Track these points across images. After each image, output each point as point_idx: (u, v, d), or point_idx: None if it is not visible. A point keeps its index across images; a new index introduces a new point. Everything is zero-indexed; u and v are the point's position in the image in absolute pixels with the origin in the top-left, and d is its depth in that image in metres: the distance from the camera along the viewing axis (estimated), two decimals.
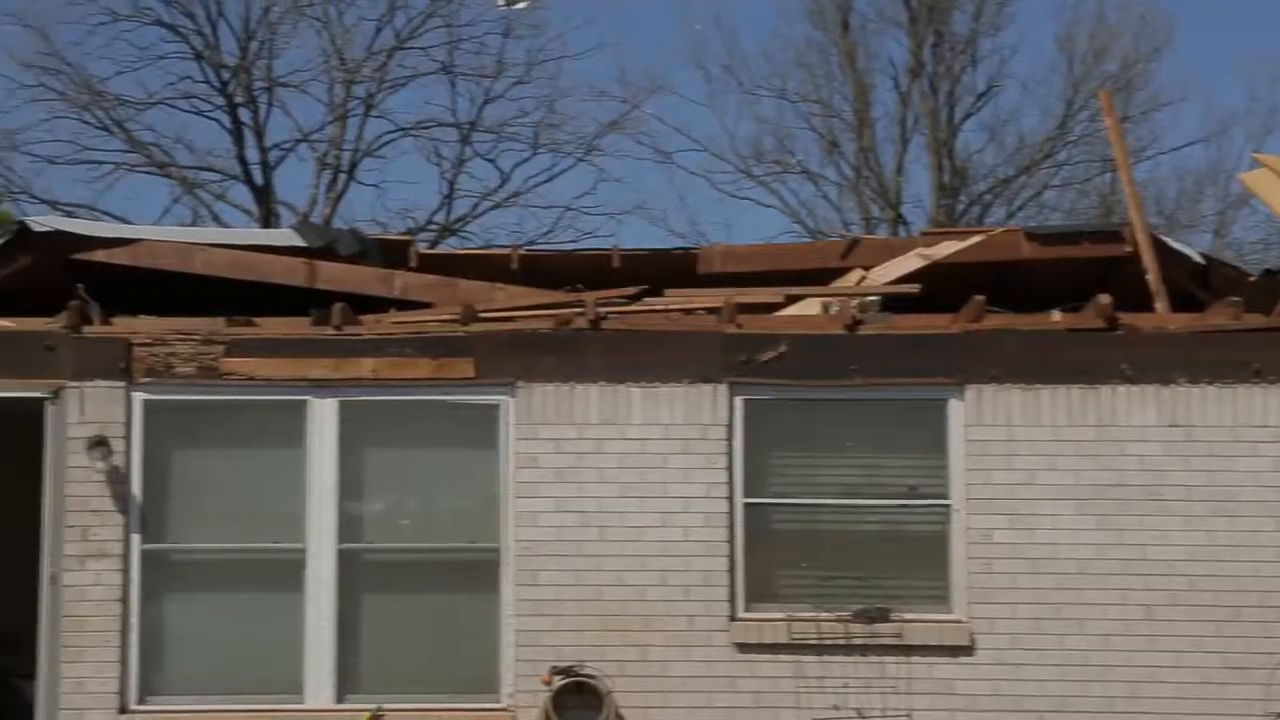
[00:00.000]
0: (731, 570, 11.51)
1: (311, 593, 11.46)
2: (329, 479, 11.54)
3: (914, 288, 12.37)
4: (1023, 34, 42.36)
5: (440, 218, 31.74)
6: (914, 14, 30.96)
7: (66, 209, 29.35)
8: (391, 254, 12.92)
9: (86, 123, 30.88)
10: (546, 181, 31.82)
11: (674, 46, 46.01)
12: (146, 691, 11.35)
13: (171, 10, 31.02)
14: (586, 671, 11.30)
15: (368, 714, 11.31)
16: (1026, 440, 11.58)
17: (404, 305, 12.27)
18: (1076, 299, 12.12)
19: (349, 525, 11.58)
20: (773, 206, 31.59)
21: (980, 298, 11.75)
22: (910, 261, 12.76)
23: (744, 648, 11.45)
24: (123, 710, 11.25)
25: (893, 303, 12.23)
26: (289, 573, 11.48)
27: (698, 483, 11.53)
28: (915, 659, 11.46)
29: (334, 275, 12.36)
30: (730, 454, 11.59)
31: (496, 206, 31.85)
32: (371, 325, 11.82)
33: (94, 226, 13.16)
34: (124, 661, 11.31)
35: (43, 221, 12.68)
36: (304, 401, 11.59)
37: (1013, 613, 11.47)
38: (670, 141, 35.88)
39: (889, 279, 12.61)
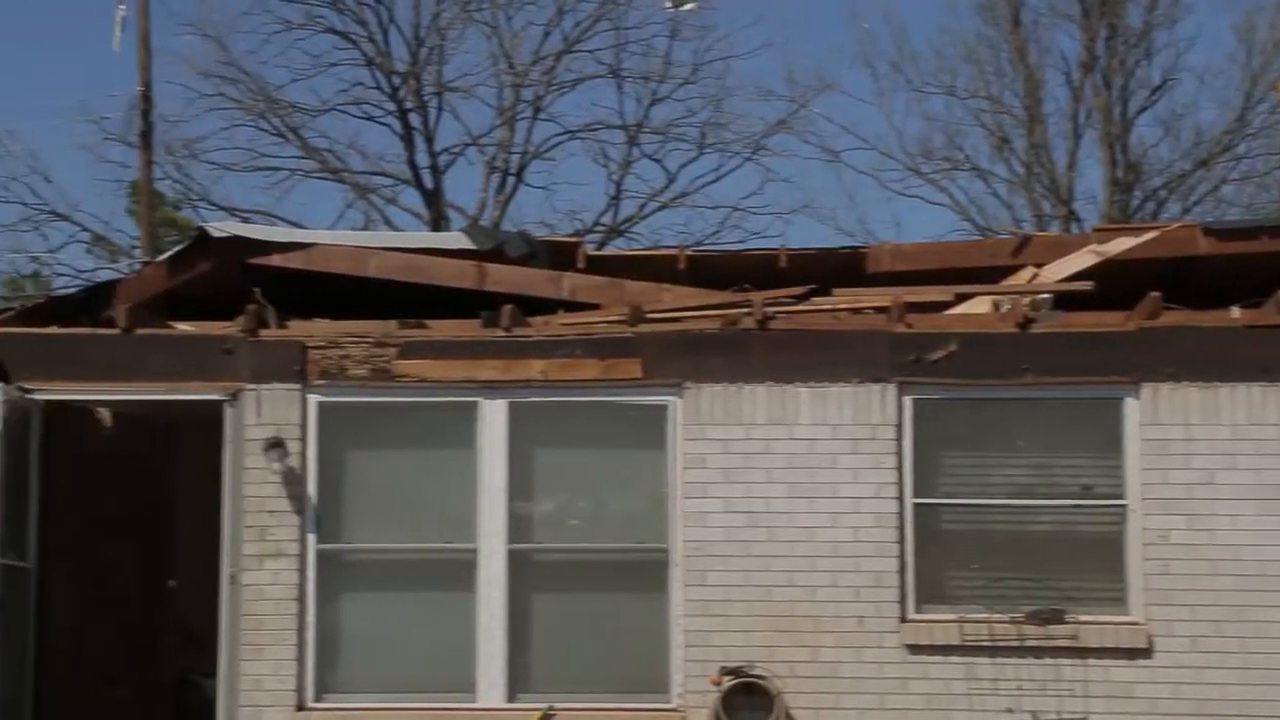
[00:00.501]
0: (902, 571, 11.41)
1: (483, 593, 11.56)
2: (499, 480, 11.63)
3: (1087, 285, 12.17)
4: (1200, 25, 41.53)
5: (607, 219, 31.88)
6: (1087, 7, 30.45)
7: (244, 215, 29.94)
8: (559, 256, 12.99)
9: (262, 130, 31.50)
10: (713, 182, 31.83)
11: (842, 44, 45.81)
12: (322, 689, 11.52)
13: (344, 18, 31.53)
14: (756, 672, 11.26)
15: (539, 713, 11.38)
16: (1205, 439, 11.34)
17: (572, 307, 12.33)
18: (1255, 295, 11.84)
19: (519, 525, 11.66)
20: (942, 204, 31.27)
21: (1156, 294, 11.53)
22: (1083, 258, 12.55)
23: (915, 649, 11.35)
24: (300, 708, 11.43)
25: (1065, 300, 12.04)
26: (460, 573, 11.59)
27: (867, 483, 11.44)
28: (1091, 661, 11.28)
29: (503, 277, 12.46)
30: (900, 454, 11.49)
31: (663, 207, 31.91)
32: (540, 327, 11.90)
33: (270, 232, 13.39)
34: (301, 660, 11.48)
35: (221, 227, 12.92)
36: (474, 403, 11.69)
37: (1192, 615, 11.23)
38: (838, 140, 35.58)
39: (1061, 276, 12.42)
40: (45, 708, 11.78)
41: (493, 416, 11.67)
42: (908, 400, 11.55)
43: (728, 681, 11.21)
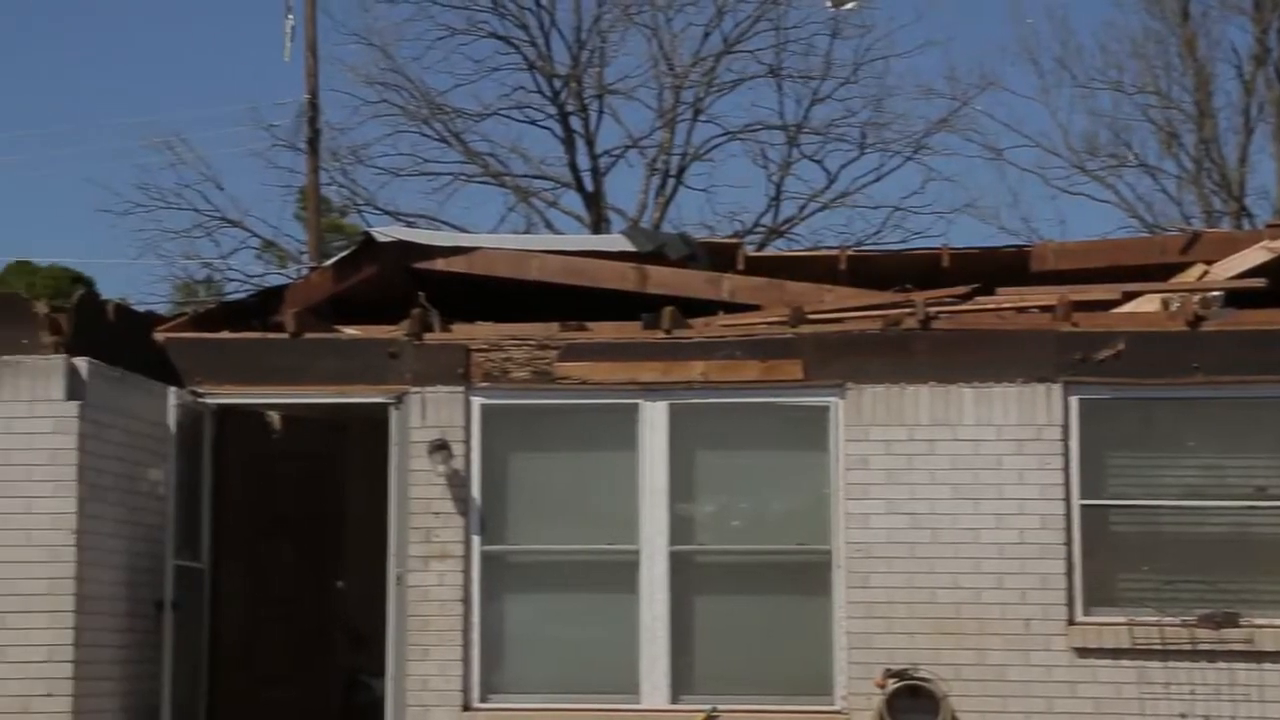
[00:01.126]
0: (1069, 573, 11.25)
1: (645, 594, 11.59)
2: (660, 481, 11.65)
3: (1259, 282, 11.91)
4: None
5: (767, 220, 31.80)
6: None
7: (407, 220, 30.30)
8: (719, 257, 12.99)
9: (426, 135, 31.88)
10: (874, 181, 31.61)
11: (1005, 41, 45.33)
12: (488, 690, 11.61)
13: (505, 23, 31.80)
14: (921, 674, 11.17)
15: (703, 714, 11.38)
16: None
17: (732, 308, 12.32)
18: None
19: (680, 527, 11.67)
20: (1108, 202, 30.75)
21: None
22: (1255, 255, 12.28)
23: (1083, 652, 11.17)
24: (466, 708, 11.54)
25: (1236, 298, 11.79)
26: (623, 574, 11.62)
27: (1032, 484, 11.29)
28: (1268, 666, 11.03)
29: (663, 279, 12.48)
30: (1066, 454, 11.32)
31: (824, 208, 31.77)
32: (701, 328, 11.90)
33: (434, 236, 13.56)
34: (466, 660, 11.58)
35: (386, 232, 13.09)
36: (635, 405, 11.72)
37: None
38: (1001, 138, 35.17)
39: (1232, 273, 12.17)
40: (217, 705, 12.01)
41: (654, 418, 11.69)
42: (1074, 400, 11.38)
43: (892, 684, 11.13)
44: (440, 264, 12.51)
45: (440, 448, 11.56)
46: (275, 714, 12.63)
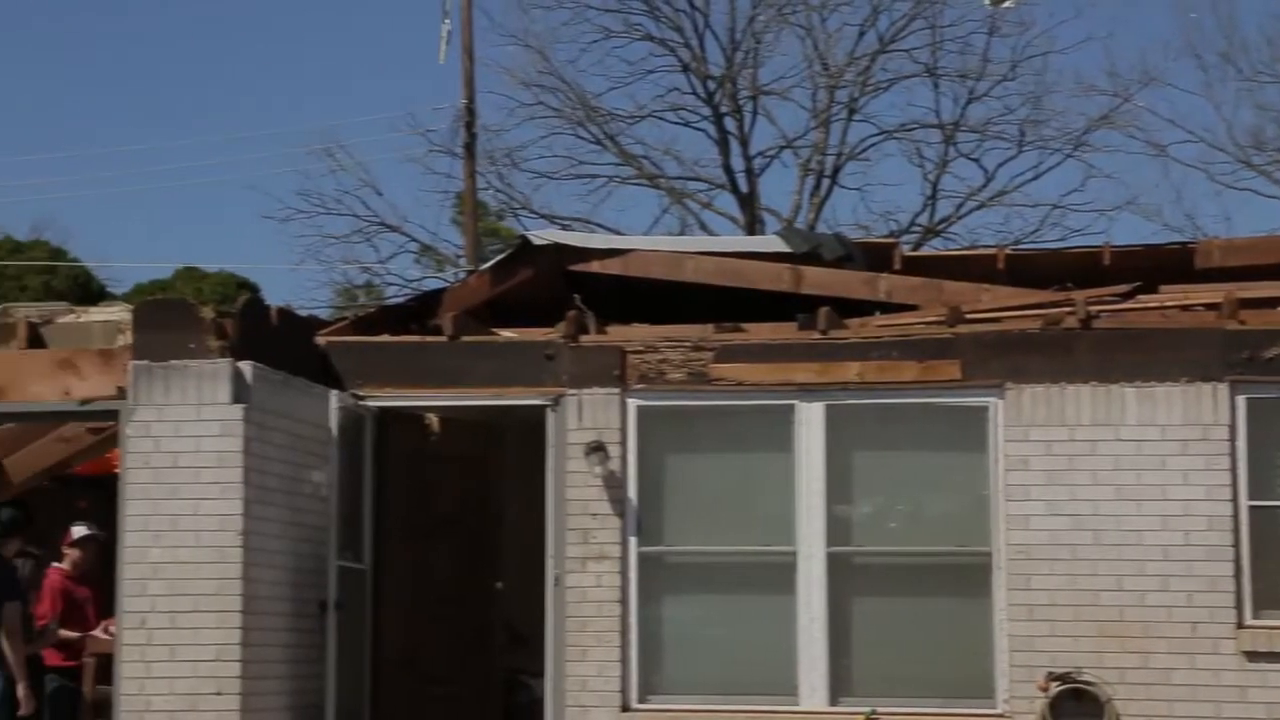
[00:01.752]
0: (1237, 575, 11.02)
1: (803, 595, 11.54)
2: (817, 482, 11.60)
3: None
4: None
5: (924, 219, 31.57)
6: None
7: (563, 222, 30.50)
8: (875, 257, 12.91)
9: (581, 138, 32.07)
10: (1033, 179, 31.25)
11: (1167, 36, 44.52)
12: (646, 690, 11.63)
13: (660, 25, 31.89)
14: (1085, 678, 11.00)
15: (862, 717, 11.31)
16: None
17: (888, 308, 12.24)
18: None
19: (837, 528, 11.62)
20: (1276, 197, 30.11)
21: None
22: None
23: (1253, 656, 10.94)
24: (625, 708, 11.57)
25: None
26: (780, 575, 11.59)
27: (1198, 485, 11.08)
28: None
29: (819, 280, 12.43)
30: (1233, 455, 11.09)
31: (981, 206, 31.47)
32: (857, 329, 11.83)
33: (589, 238, 13.62)
34: (624, 661, 11.61)
35: (541, 235, 13.17)
36: (791, 406, 11.68)
37: None
38: (1164, 134, 34.54)
39: None
40: (380, 704, 12.16)
41: (810, 419, 11.64)
42: (1241, 400, 11.15)
43: (1055, 687, 10.98)
44: (595, 266, 12.56)
45: (597, 449, 11.60)
46: (437, 713, 12.76)
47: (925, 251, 23.93)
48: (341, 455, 11.63)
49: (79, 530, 13.01)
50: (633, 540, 11.70)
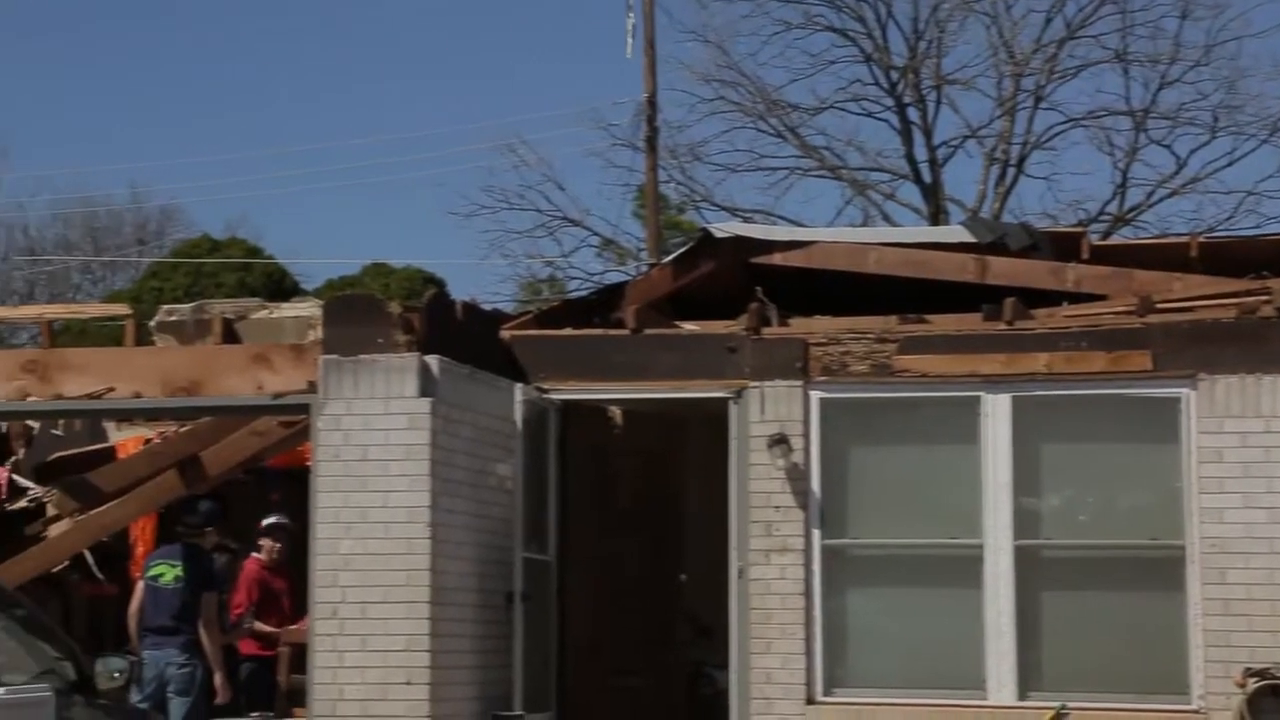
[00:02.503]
0: None
1: (989, 589, 11.41)
2: (1003, 475, 11.45)
3: None
4: None
5: (1113, 208, 31.05)
6: None
7: (744, 215, 30.51)
8: (1062, 247, 12.70)
9: (762, 131, 32.03)
10: (1227, 166, 30.59)
11: None
12: (831, 683, 11.58)
13: (842, 16, 31.74)
14: None
15: (1052, 712, 11.15)
16: None
17: (1076, 298, 12.04)
18: None
19: (1024, 521, 11.46)
20: None
21: None
22: None
23: None
24: (810, 701, 11.53)
25: None
26: (966, 569, 11.46)
27: None
28: None
29: (1004, 270, 12.26)
30: None
31: (1172, 194, 30.86)
32: (1044, 319, 11.66)
33: (770, 231, 13.56)
34: (809, 654, 11.56)
35: (723, 228, 13.15)
36: (976, 397, 11.55)
37: None
38: None
39: None
40: (566, 694, 12.26)
41: (996, 411, 11.50)
42: None
43: (1254, 684, 10.72)
44: (777, 258, 12.52)
45: (779, 442, 11.57)
46: (623, 704, 12.83)
47: (1115, 240, 23.53)
48: (526, 448, 11.73)
49: (269, 520, 13.31)
50: (816, 533, 11.65)
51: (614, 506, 13.20)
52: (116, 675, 9.25)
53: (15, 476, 14.38)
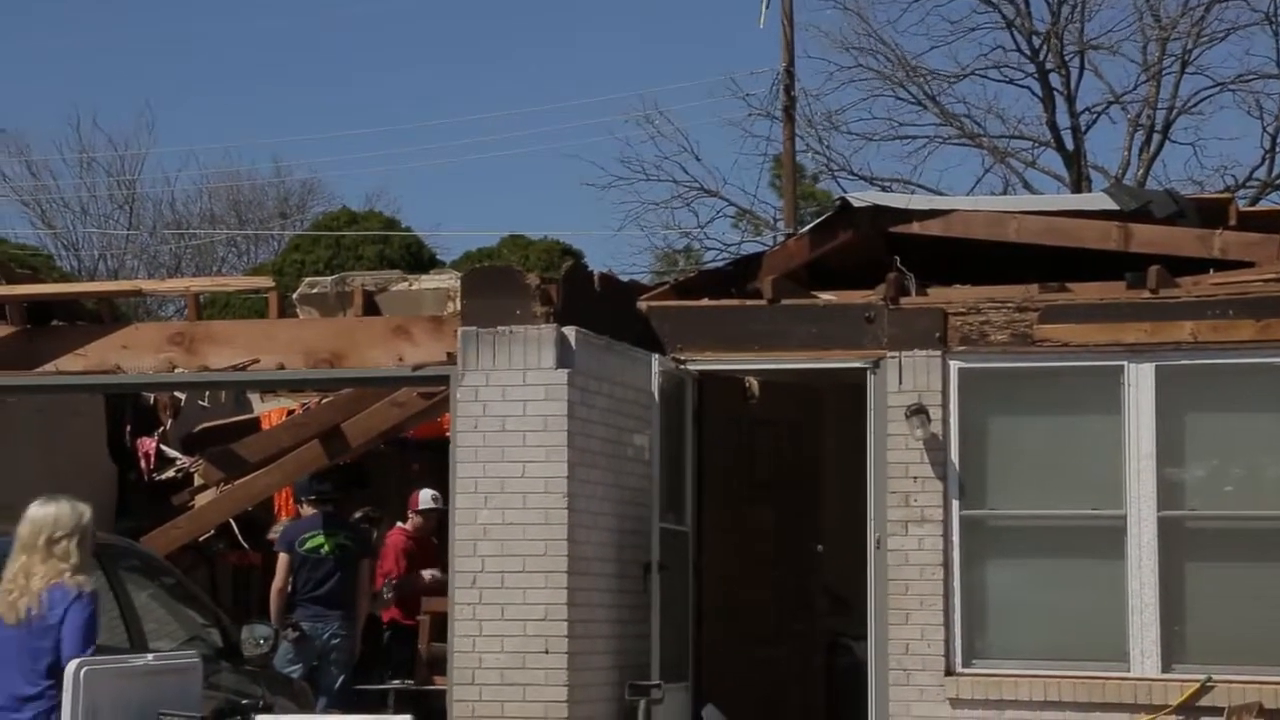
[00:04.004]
0: None
1: (1132, 560, 11.25)
2: (1146, 445, 11.28)
3: None
4: None
5: (1261, 173, 30.45)
6: None
7: (882, 184, 30.30)
8: (1208, 213, 12.47)
9: (901, 99, 31.78)
10: None
11: None
12: (970, 654, 11.50)
13: None
14: None
15: (1197, 685, 10.98)
16: None
17: (1222, 266, 11.82)
18: None
19: (1169, 492, 11.29)
20: None
21: None
22: None
23: None
24: (948, 672, 11.46)
25: None
26: (1108, 540, 11.32)
27: None
28: None
29: (1149, 238, 12.06)
30: None
31: None
32: (1189, 287, 11.46)
33: (909, 200, 13.44)
34: (948, 625, 11.48)
35: (861, 197, 13.07)
36: (1119, 366, 11.38)
37: None
38: None
39: None
40: (703, 664, 12.28)
41: (1139, 380, 11.33)
42: None
43: None
44: (916, 227, 12.41)
45: (918, 412, 11.49)
46: (759, 674, 12.84)
47: (1264, 206, 23.07)
48: (663, 419, 11.75)
49: (426, 501, 13.39)
50: (955, 503, 11.56)
51: (751, 477, 13.19)
52: (262, 642, 9.44)
53: (163, 447, 14.68)
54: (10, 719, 6.94)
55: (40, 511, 7.11)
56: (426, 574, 13.15)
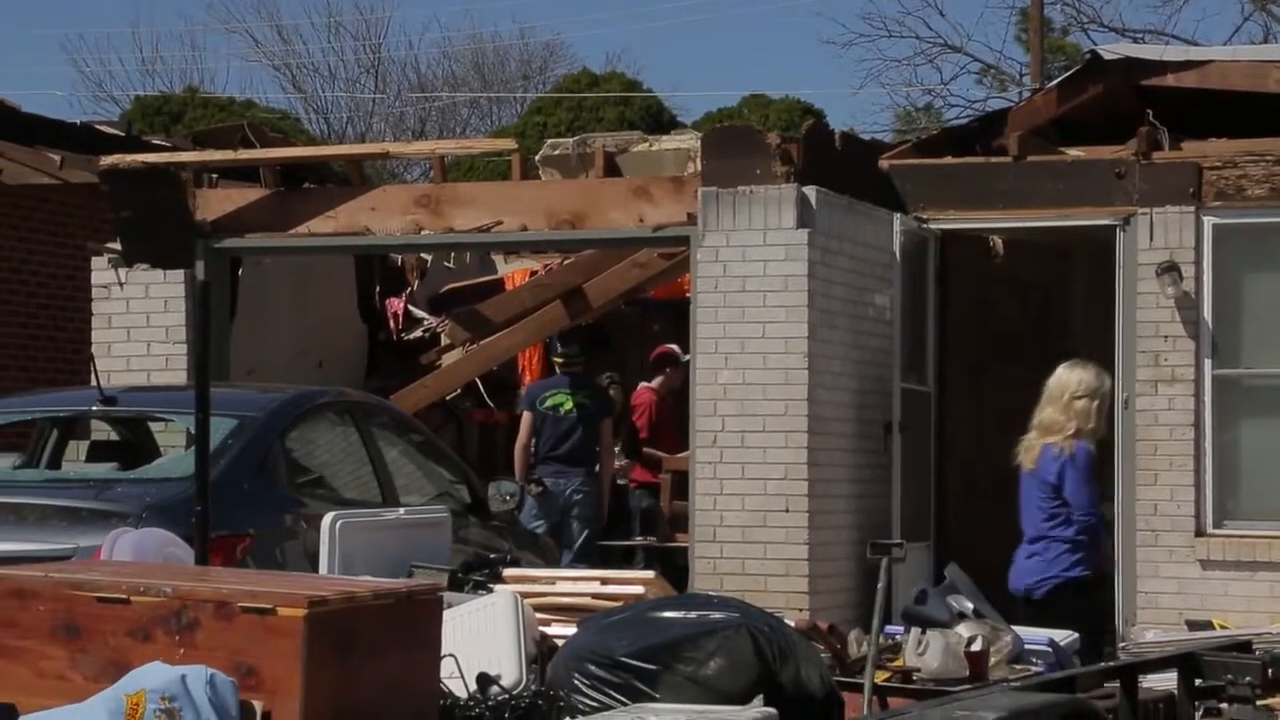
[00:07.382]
0: None
1: None
2: None
3: None
4: None
5: None
6: None
7: (1134, 36, 29.32)
8: None
9: None
10: None
11: None
12: (1222, 516, 11.29)
13: None
14: None
15: None
16: None
17: None
18: None
19: None
20: None
21: None
22: None
23: None
24: (1199, 534, 11.26)
25: None
26: None
27: None
28: None
29: None
30: None
31: None
32: None
33: (1162, 51, 13.04)
34: (1198, 486, 11.28)
35: (1111, 49, 12.70)
36: None
37: None
38: None
39: None
40: (944, 525, 12.24)
41: None
42: None
43: None
44: (1169, 80, 12.01)
45: (1169, 269, 11.21)
46: (1000, 536, 12.73)
47: None
48: (904, 278, 11.64)
49: (673, 355, 13.49)
50: (1208, 362, 11.29)
51: (994, 337, 13.00)
52: (509, 498, 9.64)
53: (410, 307, 14.97)
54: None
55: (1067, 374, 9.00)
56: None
